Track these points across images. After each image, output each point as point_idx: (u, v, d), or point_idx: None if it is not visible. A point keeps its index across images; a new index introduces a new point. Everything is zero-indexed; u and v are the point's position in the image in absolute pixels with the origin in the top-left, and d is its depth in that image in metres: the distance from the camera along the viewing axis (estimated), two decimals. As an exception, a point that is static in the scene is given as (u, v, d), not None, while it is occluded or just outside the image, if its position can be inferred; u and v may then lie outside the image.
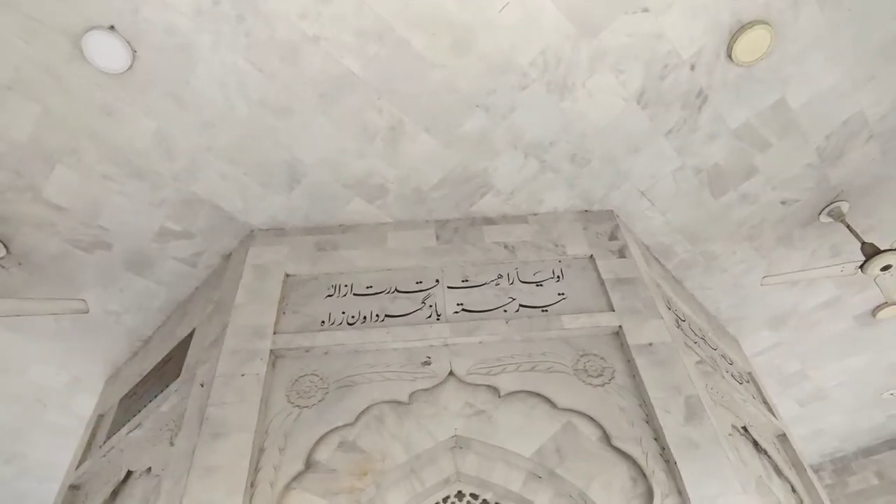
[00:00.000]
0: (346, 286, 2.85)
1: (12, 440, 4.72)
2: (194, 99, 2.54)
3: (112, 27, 2.30)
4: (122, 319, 3.64)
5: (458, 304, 2.75)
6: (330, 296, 2.81)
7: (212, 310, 3.02)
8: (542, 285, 2.85)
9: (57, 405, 4.32)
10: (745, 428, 2.87)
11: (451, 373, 2.50)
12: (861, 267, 3.09)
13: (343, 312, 2.73)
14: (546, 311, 2.73)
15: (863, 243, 3.16)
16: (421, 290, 2.83)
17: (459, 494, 2.39)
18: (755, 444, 2.88)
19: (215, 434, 2.23)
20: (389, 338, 2.58)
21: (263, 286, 2.81)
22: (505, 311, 2.73)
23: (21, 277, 3.27)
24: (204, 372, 2.56)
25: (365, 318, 2.71)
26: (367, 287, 2.84)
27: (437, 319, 2.69)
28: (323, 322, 2.69)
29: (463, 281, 2.87)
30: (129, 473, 2.86)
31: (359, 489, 2.19)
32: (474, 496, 2.39)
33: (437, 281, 2.87)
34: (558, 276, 2.89)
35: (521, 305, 2.75)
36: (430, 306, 2.75)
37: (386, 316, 2.71)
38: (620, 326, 2.61)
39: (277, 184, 2.92)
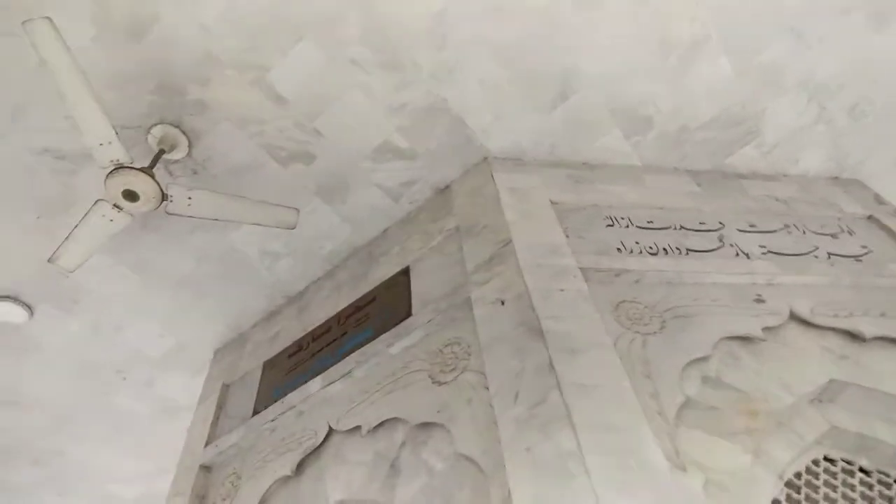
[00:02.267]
0: (622, 219, 2.42)
1: (55, 431, 3.72)
2: (501, -28, 2.18)
3: None
4: (278, 266, 3.01)
5: (760, 246, 2.37)
6: (610, 226, 2.37)
7: (442, 239, 2.51)
8: (837, 238, 2.52)
9: (139, 382, 3.48)
10: None
11: (791, 313, 2.08)
12: None
13: (637, 242, 2.28)
14: (860, 260, 2.38)
15: None
16: (709, 230, 2.43)
17: (828, 459, 1.90)
18: None
19: (571, 350, 1.69)
20: (712, 269, 2.15)
21: (531, 209, 2.35)
22: (816, 256, 2.36)
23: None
24: (489, 291, 2.03)
25: (665, 250, 2.27)
26: (648, 222, 2.43)
27: (748, 258, 2.29)
28: (619, 250, 2.23)
29: (750, 226, 2.50)
30: (329, 432, 2.22)
31: (755, 430, 1.68)
32: (848, 463, 1.90)
33: (721, 224, 2.49)
34: (848, 231, 2.57)
35: (829, 253, 2.40)
36: (731, 245, 2.35)
37: (688, 250, 2.29)
38: (958, 281, 2.29)
39: (541, 99, 2.53)
